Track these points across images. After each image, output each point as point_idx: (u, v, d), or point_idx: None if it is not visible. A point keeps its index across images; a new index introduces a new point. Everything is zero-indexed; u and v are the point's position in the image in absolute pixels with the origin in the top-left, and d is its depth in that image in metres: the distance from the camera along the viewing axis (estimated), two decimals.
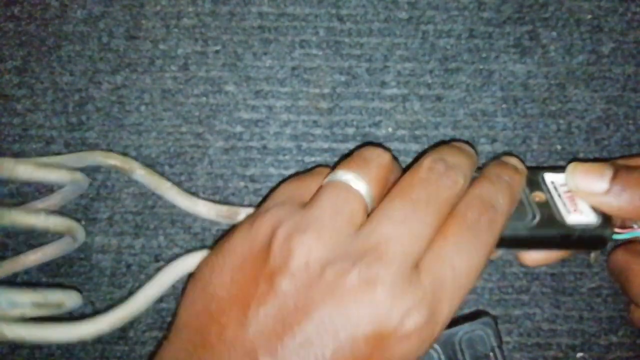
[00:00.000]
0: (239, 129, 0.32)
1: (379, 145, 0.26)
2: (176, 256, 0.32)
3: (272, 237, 0.21)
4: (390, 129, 0.32)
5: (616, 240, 0.26)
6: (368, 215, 0.22)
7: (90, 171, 0.32)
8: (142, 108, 0.33)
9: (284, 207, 0.22)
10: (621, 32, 0.33)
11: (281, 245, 0.21)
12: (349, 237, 0.21)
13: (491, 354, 0.27)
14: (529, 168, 0.27)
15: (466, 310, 0.31)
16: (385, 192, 0.23)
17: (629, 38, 0.33)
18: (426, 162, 0.23)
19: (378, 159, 0.23)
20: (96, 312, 0.32)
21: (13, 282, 0.30)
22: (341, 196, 0.22)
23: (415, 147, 0.32)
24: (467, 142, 0.28)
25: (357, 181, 0.22)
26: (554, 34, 0.33)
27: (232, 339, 0.20)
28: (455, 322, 0.28)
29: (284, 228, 0.21)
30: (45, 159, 0.30)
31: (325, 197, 0.22)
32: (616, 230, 0.26)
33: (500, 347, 0.27)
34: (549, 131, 0.32)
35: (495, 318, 0.30)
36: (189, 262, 0.27)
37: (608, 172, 0.24)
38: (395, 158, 0.25)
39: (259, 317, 0.20)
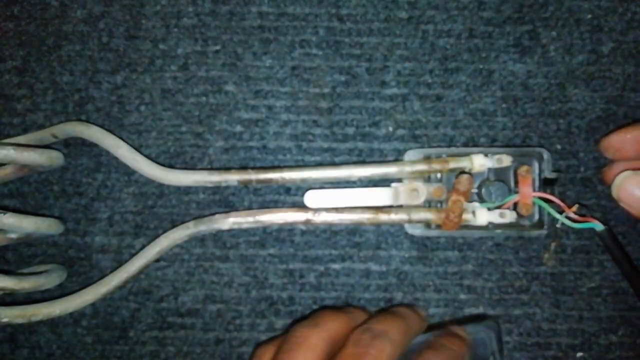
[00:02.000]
0: (238, 128, 0.32)
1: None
2: (176, 256, 0.32)
3: None
4: (390, 129, 0.32)
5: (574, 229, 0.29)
6: None
7: (90, 171, 0.32)
8: (142, 108, 0.33)
9: None
10: (621, 32, 0.33)
11: None
12: None
13: (491, 357, 0.27)
14: None
15: (467, 310, 0.31)
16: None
17: (628, 38, 0.33)
18: (353, 335, 0.25)
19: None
20: (95, 311, 0.32)
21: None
22: None
23: (415, 147, 0.31)
24: (411, 306, 0.30)
25: None
26: (554, 33, 0.33)
27: None
28: (459, 323, 0.28)
29: None
30: (22, 137, 0.31)
31: None
32: (573, 218, 0.28)
33: (501, 351, 0.27)
34: (548, 130, 0.32)
35: (498, 323, 0.30)
36: (173, 236, 0.30)
37: None
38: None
39: None
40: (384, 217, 0.28)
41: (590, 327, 0.31)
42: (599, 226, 0.28)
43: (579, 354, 0.31)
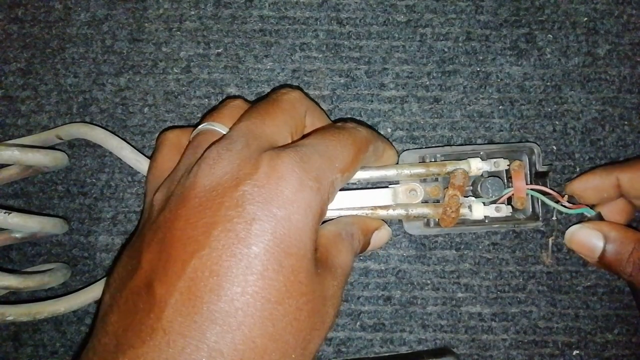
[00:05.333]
0: None
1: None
2: None
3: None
4: (388, 130, 0.33)
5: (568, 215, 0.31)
6: None
7: (94, 171, 0.33)
8: (145, 109, 0.33)
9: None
10: (616, 34, 0.33)
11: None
12: None
13: None
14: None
15: (464, 308, 0.32)
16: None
17: (624, 40, 0.33)
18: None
19: (230, 103, 0.27)
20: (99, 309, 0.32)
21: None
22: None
23: (413, 148, 0.32)
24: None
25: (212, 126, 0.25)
26: (550, 36, 0.33)
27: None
28: (419, 356, 0.29)
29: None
30: (27, 139, 0.32)
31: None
32: (567, 205, 0.29)
33: None
34: (545, 132, 0.33)
35: (458, 357, 0.30)
36: None
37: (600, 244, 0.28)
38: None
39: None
40: (382, 212, 0.28)
41: (586, 326, 0.32)
42: (590, 212, 0.29)
43: (575, 352, 0.31)
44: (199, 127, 0.25)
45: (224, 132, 0.25)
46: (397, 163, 0.30)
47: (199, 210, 0.21)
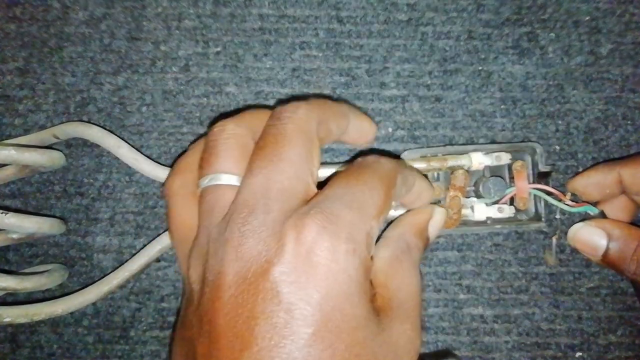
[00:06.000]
0: None
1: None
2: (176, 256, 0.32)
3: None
4: (389, 130, 0.32)
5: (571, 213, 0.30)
6: None
7: (92, 171, 0.33)
8: (144, 109, 0.33)
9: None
10: (619, 33, 0.33)
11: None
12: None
13: None
14: None
15: (466, 310, 0.32)
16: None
17: (627, 39, 0.33)
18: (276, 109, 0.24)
19: (222, 138, 0.23)
20: (96, 311, 0.32)
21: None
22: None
23: (415, 147, 0.32)
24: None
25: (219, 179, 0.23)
26: (553, 35, 0.33)
27: None
28: (420, 359, 0.28)
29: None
30: (24, 138, 0.32)
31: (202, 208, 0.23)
32: (570, 204, 0.29)
33: None
34: (547, 132, 0.32)
35: (459, 358, 0.30)
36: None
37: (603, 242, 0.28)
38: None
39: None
40: None
41: (589, 327, 0.31)
42: (594, 209, 0.29)
43: (578, 354, 0.31)
44: (204, 182, 0.23)
45: (234, 184, 0.22)
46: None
47: (237, 304, 0.19)
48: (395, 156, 0.30)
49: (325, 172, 0.26)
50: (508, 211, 0.29)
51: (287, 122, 0.22)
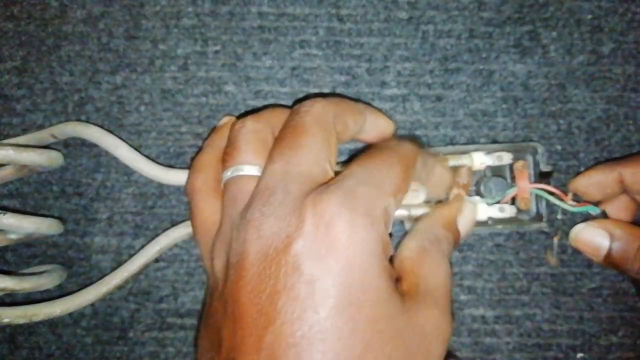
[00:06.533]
0: None
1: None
2: (176, 256, 0.32)
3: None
4: None
5: (573, 213, 0.30)
6: None
7: (90, 171, 0.32)
8: (142, 108, 0.33)
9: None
10: (621, 32, 0.33)
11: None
12: None
13: None
14: None
15: (467, 311, 0.31)
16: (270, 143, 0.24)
17: (629, 38, 0.33)
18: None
19: (242, 133, 0.25)
20: (95, 312, 0.32)
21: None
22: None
23: None
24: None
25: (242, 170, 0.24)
26: (554, 34, 0.33)
27: None
28: None
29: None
30: (22, 138, 0.31)
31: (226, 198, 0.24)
32: (571, 204, 0.29)
33: None
34: (549, 131, 0.32)
35: None
36: (173, 234, 0.30)
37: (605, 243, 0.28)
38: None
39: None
40: None
41: (591, 328, 0.31)
42: (595, 209, 0.29)
43: (580, 355, 0.31)
44: (227, 174, 0.24)
45: (256, 173, 0.23)
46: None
47: (259, 281, 0.20)
48: (417, 141, 0.30)
49: None
50: (509, 211, 0.29)
51: (305, 115, 0.23)
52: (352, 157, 0.24)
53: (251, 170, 0.23)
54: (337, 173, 0.22)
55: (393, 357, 0.19)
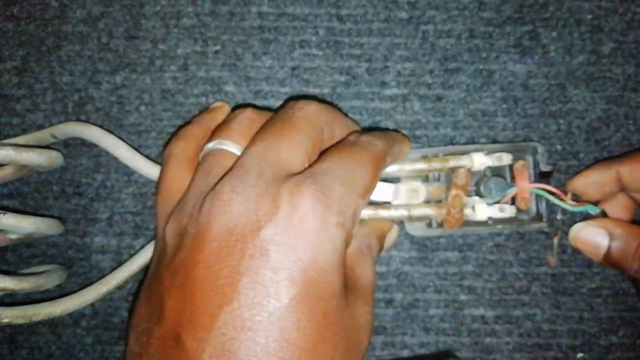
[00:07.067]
0: None
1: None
2: None
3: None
4: (390, 129, 0.32)
5: (572, 213, 0.30)
6: None
7: (90, 171, 0.32)
8: (142, 108, 0.33)
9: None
10: (621, 32, 0.33)
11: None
12: None
13: None
14: None
15: (467, 311, 0.31)
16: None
17: (629, 38, 0.33)
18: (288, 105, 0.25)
19: (239, 116, 0.25)
20: (95, 312, 0.32)
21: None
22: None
23: (415, 147, 0.31)
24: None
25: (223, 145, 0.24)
26: (554, 34, 0.33)
27: None
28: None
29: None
30: (22, 138, 0.31)
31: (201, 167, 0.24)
32: (571, 203, 0.29)
33: None
34: (549, 131, 0.32)
35: None
36: None
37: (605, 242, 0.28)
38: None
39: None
40: (384, 213, 0.28)
41: (591, 328, 0.31)
42: (595, 209, 0.29)
43: (580, 355, 0.31)
44: (209, 145, 0.24)
45: (237, 153, 0.23)
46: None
47: (220, 257, 0.20)
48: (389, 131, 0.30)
49: None
50: (509, 211, 0.29)
51: (297, 111, 0.24)
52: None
53: (233, 148, 0.24)
54: None
55: (339, 348, 0.20)
